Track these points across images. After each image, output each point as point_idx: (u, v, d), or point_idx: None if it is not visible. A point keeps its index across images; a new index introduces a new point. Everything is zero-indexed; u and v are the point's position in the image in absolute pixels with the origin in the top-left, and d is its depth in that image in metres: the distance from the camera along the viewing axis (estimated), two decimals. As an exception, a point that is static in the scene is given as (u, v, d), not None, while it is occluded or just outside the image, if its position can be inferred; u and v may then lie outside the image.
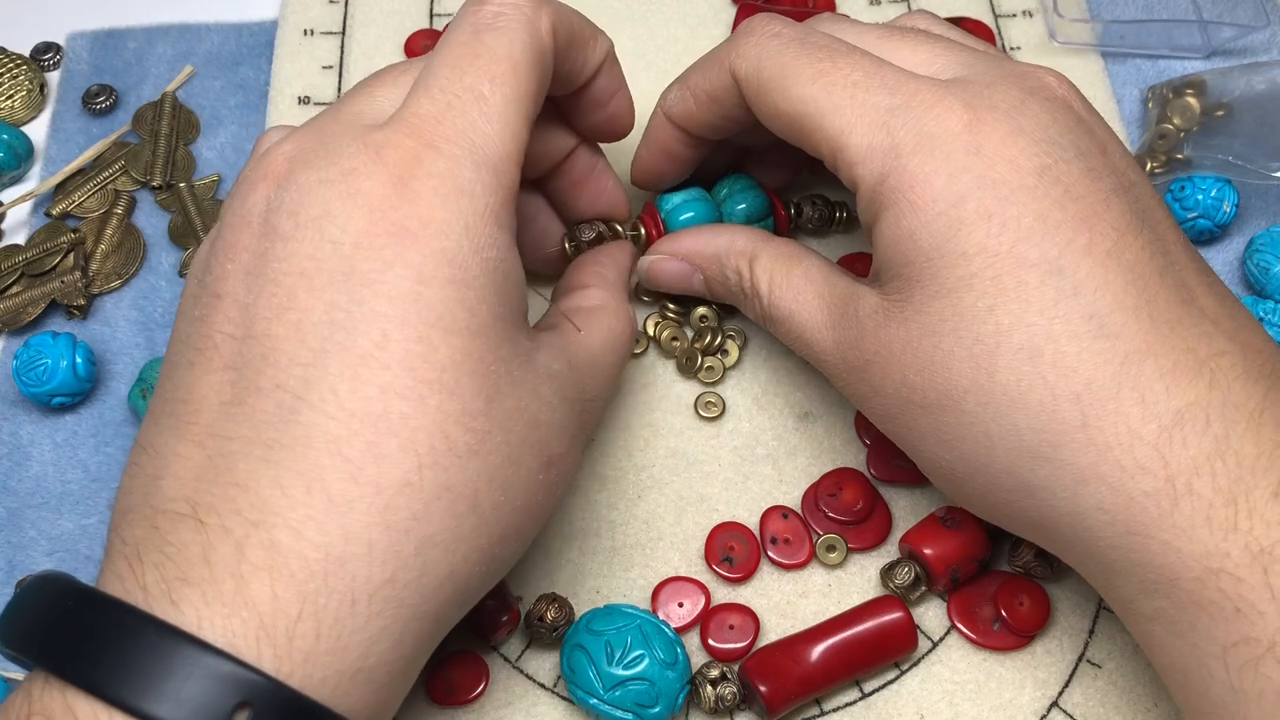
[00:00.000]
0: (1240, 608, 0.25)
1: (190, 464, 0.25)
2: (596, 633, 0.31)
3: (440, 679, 0.32)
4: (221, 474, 0.24)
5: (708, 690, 0.31)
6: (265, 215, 0.27)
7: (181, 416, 0.26)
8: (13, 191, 0.42)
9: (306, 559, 0.23)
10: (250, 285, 0.26)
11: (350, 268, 0.25)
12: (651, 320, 0.38)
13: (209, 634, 0.22)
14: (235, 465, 0.24)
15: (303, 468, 0.24)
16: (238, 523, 0.24)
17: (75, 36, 0.46)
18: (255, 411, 0.25)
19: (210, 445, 0.25)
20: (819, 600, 0.34)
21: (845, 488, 0.35)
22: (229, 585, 0.23)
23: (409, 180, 0.26)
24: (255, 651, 0.23)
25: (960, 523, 0.32)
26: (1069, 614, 0.33)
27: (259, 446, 0.24)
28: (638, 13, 0.45)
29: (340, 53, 0.45)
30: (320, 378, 0.25)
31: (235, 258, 0.27)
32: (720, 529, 0.34)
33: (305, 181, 0.26)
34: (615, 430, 0.36)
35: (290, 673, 0.23)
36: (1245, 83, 0.41)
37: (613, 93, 0.34)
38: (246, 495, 0.24)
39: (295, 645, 0.23)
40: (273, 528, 0.23)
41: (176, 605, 0.23)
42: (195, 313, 0.27)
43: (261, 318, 0.25)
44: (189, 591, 0.23)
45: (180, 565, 0.23)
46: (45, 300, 0.39)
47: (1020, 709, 0.32)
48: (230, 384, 0.25)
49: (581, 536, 0.35)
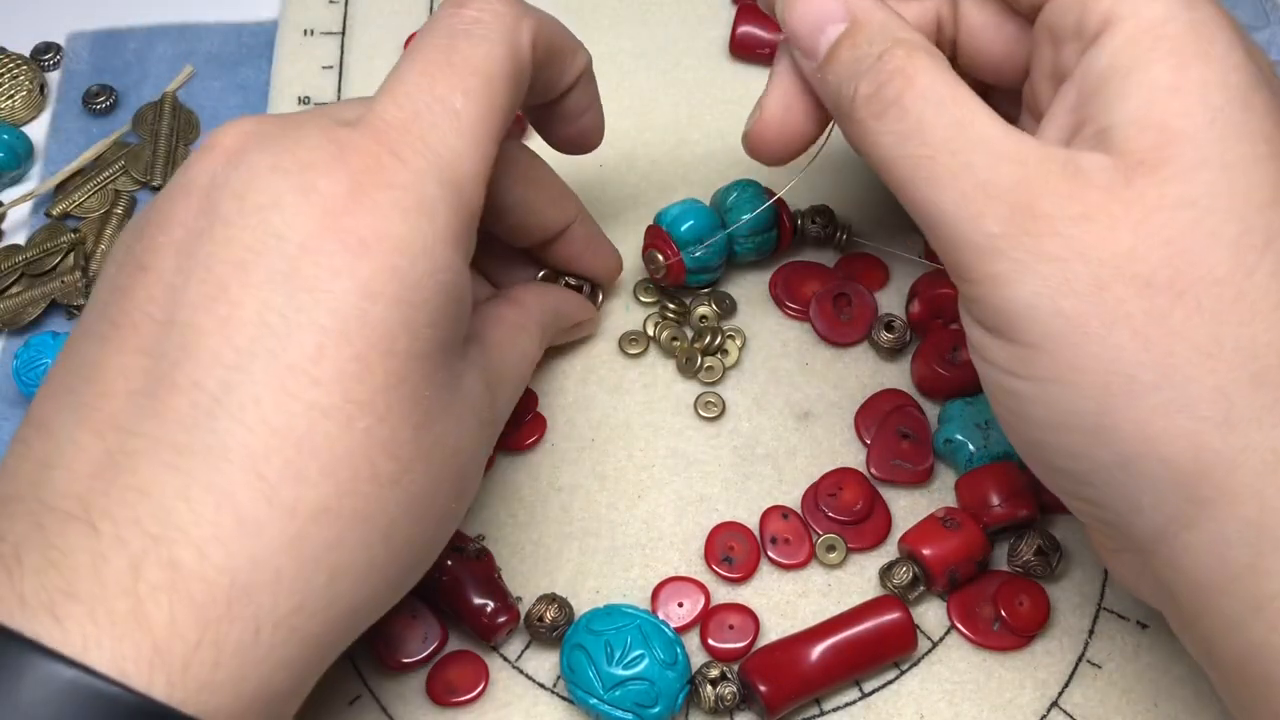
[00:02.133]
0: None
1: (87, 456, 0.23)
2: (596, 633, 0.31)
3: (440, 679, 0.32)
4: (122, 473, 0.22)
5: (707, 690, 0.31)
6: (208, 190, 0.25)
7: (83, 397, 0.23)
8: (13, 191, 0.42)
9: (210, 583, 0.22)
10: (181, 265, 0.24)
11: (293, 269, 0.23)
12: (651, 320, 0.38)
13: (95, 657, 0.21)
14: (138, 466, 0.22)
15: (213, 481, 0.22)
16: (136, 534, 0.22)
17: (75, 36, 0.46)
18: (167, 409, 0.23)
19: (112, 438, 0.23)
20: (819, 600, 0.34)
21: (845, 488, 0.35)
22: (122, 605, 0.21)
23: (369, 188, 0.24)
24: (147, 678, 0.21)
25: (960, 524, 0.32)
26: (1069, 614, 0.33)
27: (167, 449, 0.22)
28: (638, 13, 0.45)
29: (340, 53, 0.45)
30: (244, 384, 0.23)
31: (168, 230, 0.24)
32: (720, 529, 0.34)
33: (257, 164, 0.24)
34: (615, 430, 0.36)
35: (184, 701, 0.21)
36: (1245, 83, 0.41)
37: (585, 108, 0.33)
38: (148, 503, 0.22)
39: (191, 674, 0.21)
40: (174, 544, 0.22)
41: (60, 622, 0.21)
42: (118, 281, 0.25)
43: (188, 304, 0.23)
44: (75, 608, 0.21)
45: (67, 576, 0.21)
46: (45, 300, 0.39)
47: (1020, 709, 0.32)
48: (144, 371, 0.23)
49: (581, 536, 0.35)
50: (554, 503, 0.35)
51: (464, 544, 0.33)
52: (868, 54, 0.27)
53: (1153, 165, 0.24)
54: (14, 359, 0.37)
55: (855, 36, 0.27)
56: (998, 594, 0.33)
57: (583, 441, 0.36)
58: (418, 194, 0.25)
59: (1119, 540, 0.26)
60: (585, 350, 0.38)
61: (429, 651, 0.32)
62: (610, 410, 0.37)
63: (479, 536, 0.34)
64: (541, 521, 0.35)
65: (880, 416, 0.36)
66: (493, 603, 0.32)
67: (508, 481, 0.35)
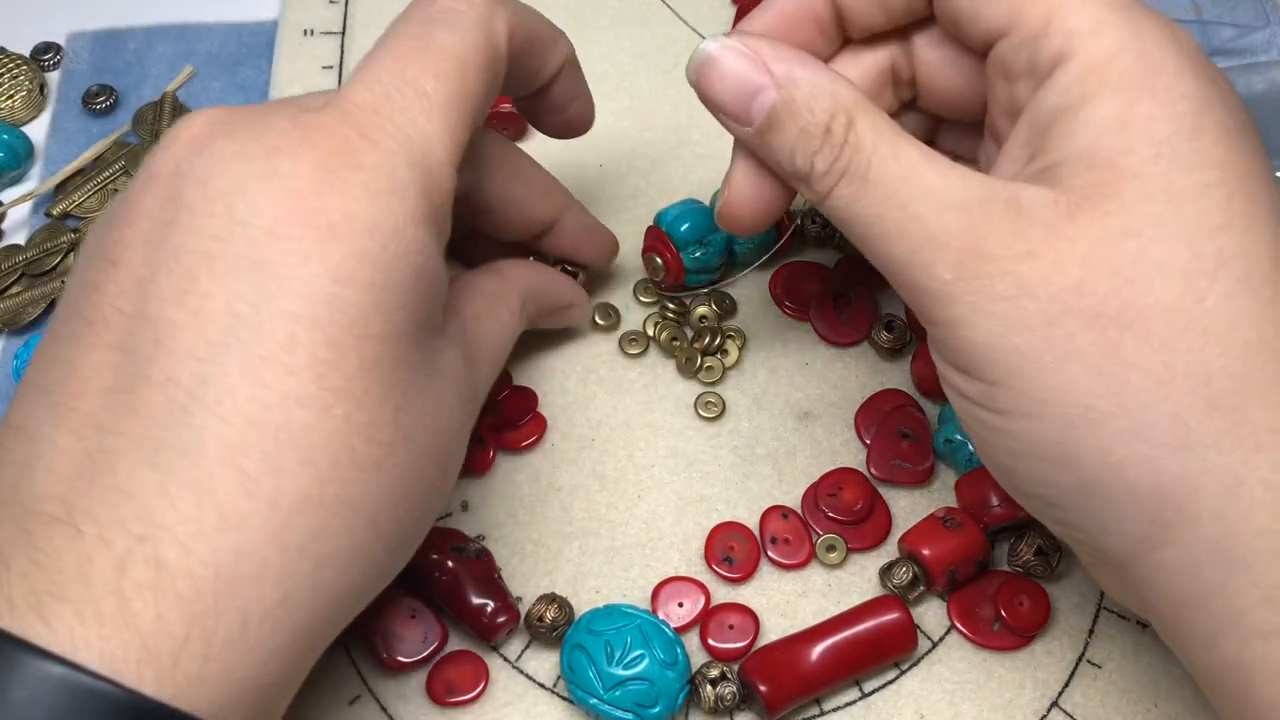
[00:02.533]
0: None
1: (67, 457, 0.23)
2: (596, 633, 0.31)
3: (440, 679, 0.32)
4: (102, 473, 0.22)
5: (707, 690, 0.31)
6: (173, 179, 0.24)
7: (59, 396, 0.23)
8: (13, 191, 0.42)
9: (195, 578, 0.22)
10: (149, 257, 0.24)
11: (260, 256, 0.23)
12: (651, 320, 0.38)
13: (84, 655, 0.21)
14: (117, 465, 0.22)
15: (193, 477, 0.22)
16: (119, 534, 0.22)
17: (75, 36, 0.46)
18: (143, 404, 0.23)
19: (90, 437, 0.23)
20: (819, 600, 0.34)
21: (845, 488, 0.35)
22: (108, 604, 0.21)
23: (338, 169, 0.24)
24: (136, 674, 0.21)
25: (960, 524, 0.32)
26: (1069, 614, 0.33)
27: (145, 446, 0.22)
28: (638, 13, 0.45)
29: (340, 53, 0.45)
30: (217, 376, 0.23)
31: (135, 222, 0.24)
32: (720, 529, 0.34)
33: (221, 151, 0.24)
34: (615, 430, 0.36)
35: (174, 696, 0.21)
36: (1245, 83, 0.41)
37: (573, 97, 0.32)
38: (130, 503, 0.22)
39: (180, 669, 0.21)
40: (159, 543, 0.22)
41: (48, 623, 0.21)
42: (88, 276, 0.24)
43: (157, 297, 0.23)
44: (62, 608, 0.21)
45: (53, 577, 0.21)
46: (45, 300, 0.39)
47: (1020, 709, 0.32)
48: (117, 367, 0.23)
49: (581, 536, 0.35)
50: (554, 503, 0.35)
51: (464, 544, 0.33)
52: (812, 122, 0.26)
53: (1096, 200, 0.24)
54: (14, 359, 0.37)
55: (792, 105, 0.26)
56: (998, 594, 0.33)
57: (583, 441, 0.36)
58: (388, 175, 0.24)
59: (1098, 556, 0.26)
60: (585, 350, 0.38)
61: (429, 651, 0.32)
62: (610, 410, 0.37)
63: (479, 536, 0.34)
64: (541, 521, 0.35)
65: (880, 416, 0.36)
66: (493, 603, 0.32)
67: (508, 481, 0.35)
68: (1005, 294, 0.24)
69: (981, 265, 0.24)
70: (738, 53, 0.27)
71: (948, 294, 0.25)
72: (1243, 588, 0.23)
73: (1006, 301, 0.24)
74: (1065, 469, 0.25)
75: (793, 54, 0.27)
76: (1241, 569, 0.23)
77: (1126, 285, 0.24)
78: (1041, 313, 0.24)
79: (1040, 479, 0.25)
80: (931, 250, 0.25)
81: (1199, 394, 0.23)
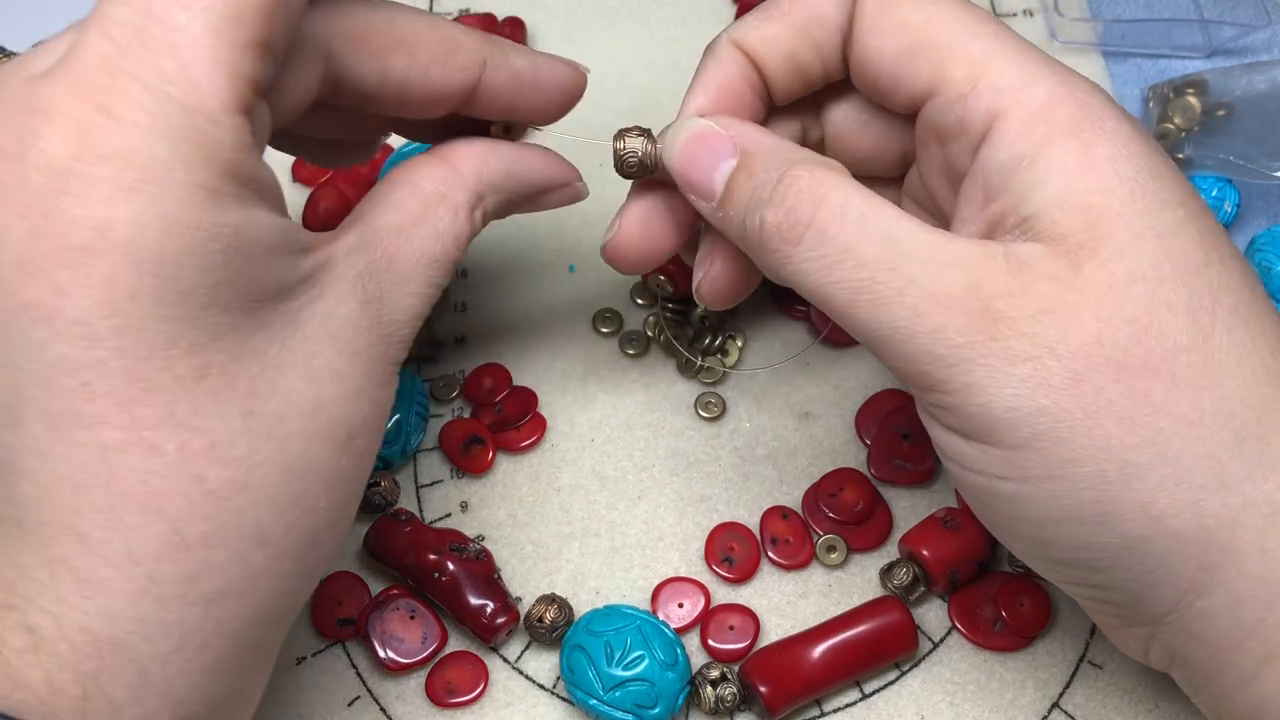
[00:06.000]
0: None
1: None
2: (596, 633, 0.31)
3: (440, 679, 0.32)
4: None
5: (708, 691, 0.31)
6: None
7: None
8: (12, 192, 0.42)
9: (74, 643, 0.20)
10: None
11: (15, 302, 0.20)
12: (651, 320, 0.38)
13: None
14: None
15: (40, 548, 0.20)
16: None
17: (74, 37, 0.46)
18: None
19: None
20: (819, 601, 0.33)
21: (845, 488, 0.35)
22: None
23: (77, 169, 0.19)
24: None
25: (960, 525, 0.32)
26: (1070, 615, 0.33)
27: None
28: (638, 13, 0.45)
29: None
30: (26, 445, 0.20)
31: None
32: (720, 529, 0.34)
33: None
34: (615, 430, 0.36)
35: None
36: (1246, 82, 0.40)
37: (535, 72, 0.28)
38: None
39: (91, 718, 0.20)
40: (26, 612, 0.20)
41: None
42: None
43: None
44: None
45: None
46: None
47: (1021, 710, 0.32)
48: None
49: (581, 536, 0.34)
50: (554, 503, 0.35)
51: (463, 544, 0.33)
52: (765, 181, 0.25)
53: (1091, 246, 0.24)
54: None
55: (749, 167, 0.26)
56: (999, 594, 0.33)
57: (583, 441, 0.36)
58: (143, 161, 0.20)
59: (1127, 618, 0.26)
60: (585, 350, 0.38)
61: (429, 652, 0.32)
62: (610, 410, 0.37)
63: (479, 537, 0.34)
64: (541, 522, 0.35)
65: (880, 416, 0.36)
66: (492, 603, 0.32)
67: (508, 481, 0.35)
68: (1026, 355, 0.23)
69: (995, 326, 0.23)
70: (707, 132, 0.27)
71: (961, 358, 0.24)
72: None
73: (1028, 362, 0.23)
74: (1104, 528, 0.24)
75: (743, 124, 0.27)
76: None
77: (1144, 331, 0.23)
78: (1066, 370, 0.23)
79: (1076, 543, 0.24)
80: (936, 313, 0.24)
81: (1227, 429, 0.23)
